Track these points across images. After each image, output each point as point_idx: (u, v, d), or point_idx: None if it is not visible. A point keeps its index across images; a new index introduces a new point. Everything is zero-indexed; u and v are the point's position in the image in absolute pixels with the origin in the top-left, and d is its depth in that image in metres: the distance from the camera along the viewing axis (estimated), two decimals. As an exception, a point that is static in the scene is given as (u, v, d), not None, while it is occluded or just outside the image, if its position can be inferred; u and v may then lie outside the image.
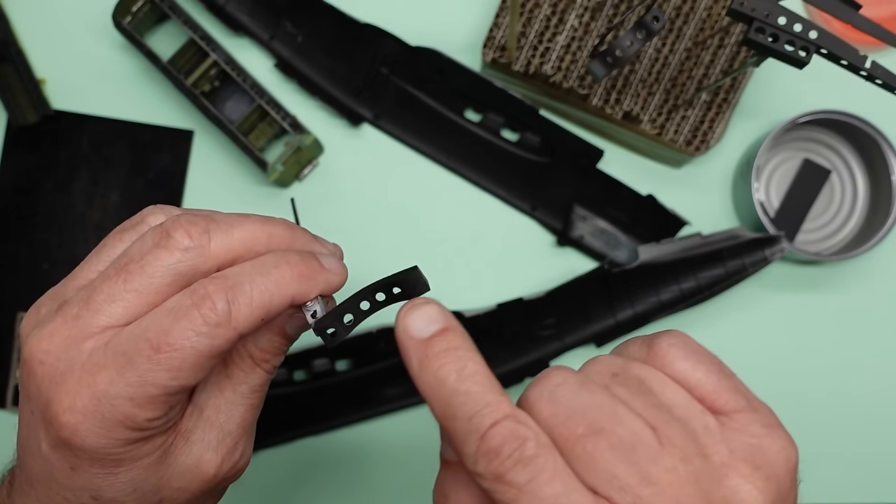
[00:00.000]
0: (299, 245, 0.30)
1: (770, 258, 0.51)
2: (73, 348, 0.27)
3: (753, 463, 0.23)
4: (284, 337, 0.30)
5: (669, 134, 0.51)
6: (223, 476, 0.30)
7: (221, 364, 0.30)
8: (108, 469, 0.27)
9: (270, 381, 0.31)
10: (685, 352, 0.25)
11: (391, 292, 0.28)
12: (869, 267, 0.55)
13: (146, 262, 0.27)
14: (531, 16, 0.50)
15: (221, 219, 0.29)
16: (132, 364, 0.26)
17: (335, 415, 0.53)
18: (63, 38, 0.55)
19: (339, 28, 0.54)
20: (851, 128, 0.53)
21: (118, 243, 0.30)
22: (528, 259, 0.55)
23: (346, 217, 0.55)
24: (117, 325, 0.27)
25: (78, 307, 0.27)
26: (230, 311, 0.26)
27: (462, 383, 0.24)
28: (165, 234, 0.27)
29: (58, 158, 0.55)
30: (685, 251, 0.52)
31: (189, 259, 0.27)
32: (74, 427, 0.26)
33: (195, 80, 0.51)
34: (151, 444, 0.28)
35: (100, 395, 0.26)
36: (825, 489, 0.55)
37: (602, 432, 0.23)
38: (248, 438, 0.31)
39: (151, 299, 0.27)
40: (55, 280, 0.28)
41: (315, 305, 0.29)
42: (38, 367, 0.27)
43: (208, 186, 0.55)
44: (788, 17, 0.37)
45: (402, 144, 0.55)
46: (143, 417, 0.26)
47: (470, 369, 0.24)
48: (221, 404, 0.30)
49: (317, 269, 0.29)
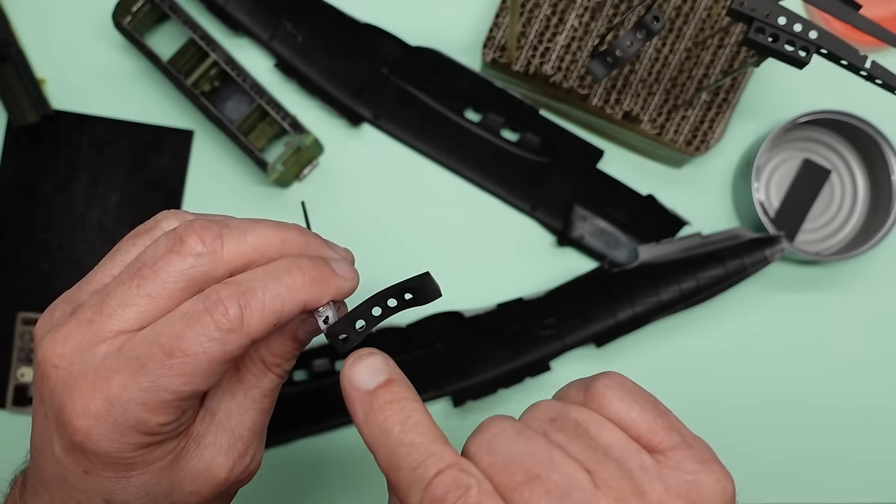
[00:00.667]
0: (312, 250, 0.30)
1: (770, 258, 0.51)
2: (86, 352, 0.27)
3: (688, 498, 0.24)
4: (296, 342, 0.31)
5: (669, 134, 0.51)
6: (234, 480, 0.30)
7: (233, 369, 0.30)
8: (120, 473, 0.27)
9: (281, 385, 0.32)
10: (620, 392, 0.26)
11: (403, 298, 0.28)
12: (869, 267, 0.55)
13: (159, 268, 0.27)
14: (531, 16, 0.50)
15: (234, 224, 0.29)
16: (145, 369, 0.26)
17: (335, 415, 0.53)
18: (63, 38, 0.55)
19: (339, 28, 0.54)
20: (851, 128, 0.53)
21: (132, 248, 0.30)
22: (528, 259, 0.55)
23: (346, 217, 0.55)
24: (130, 330, 0.27)
25: (91, 311, 0.27)
26: (242, 317, 0.26)
27: (406, 434, 0.25)
28: (179, 239, 0.27)
29: (58, 158, 0.55)
30: (685, 251, 0.52)
31: (202, 264, 0.27)
32: (87, 431, 0.26)
33: (195, 80, 0.51)
34: (163, 448, 0.28)
35: (113, 399, 0.26)
36: (825, 489, 0.55)
37: (538, 479, 0.24)
38: (259, 442, 0.31)
39: (164, 304, 0.27)
40: (55, 280, 0.28)
41: (327, 311, 0.29)
42: (51, 371, 0.27)
43: (208, 186, 0.55)
44: (788, 17, 0.37)
45: (402, 144, 0.55)
46: (156, 422, 0.26)
47: (414, 419, 0.25)
48: (233, 408, 0.30)
49: (329, 275, 0.29)
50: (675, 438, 0.25)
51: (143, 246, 0.29)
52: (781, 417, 0.55)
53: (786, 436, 0.55)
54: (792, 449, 0.54)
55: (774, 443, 0.54)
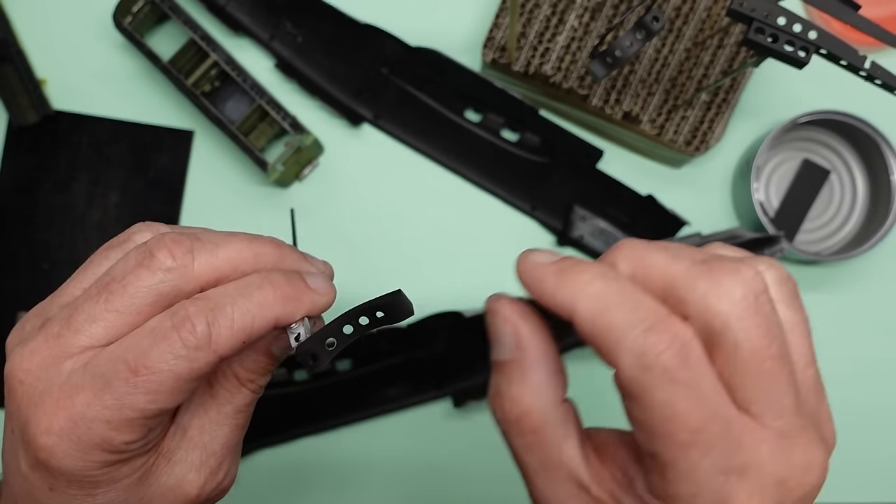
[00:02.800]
0: (287, 264, 0.30)
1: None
2: (52, 368, 0.26)
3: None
4: (270, 357, 0.30)
5: (669, 134, 0.51)
6: (206, 497, 0.30)
7: (206, 384, 0.30)
8: (86, 490, 0.27)
9: (256, 400, 0.31)
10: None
11: (374, 316, 0.28)
12: (869, 267, 0.55)
13: (128, 282, 0.27)
14: (531, 16, 0.50)
15: (207, 237, 0.28)
16: (109, 386, 0.25)
17: (335, 415, 0.53)
18: (63, 38, 0.55)
19: (339, 28, 0.54)
20: (851, 128, 0.53)
21: (104, 261, 0.29)
22: (527, 259, 0.55)
23: (346, 217, 0.55)
24: (98, 346, 0.26)
25: (59, 326, 0.27)
26: (210, 334, 0.26)
27: (608, 282, 0.23)
28: (148, 253, 0.27)
29: (58, 158, 0.55)
30: (685, 251, 0.52)
31: (171, 279, 0.27)
32: (51, 449, 0.26)
33: (195, 80, 0.51)
34: (130, 465, 0.27)
35: (76, 417, 0.26)
36: (825, 489, 0.55)
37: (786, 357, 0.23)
38: (233, 458, 0.31)
39: (132, 319, 0.27)
40: (55, 280, 0.28)
41: (300, 328, 0.28)
42: (17, 387, 0.27)
43: (208, 186, 0.55)
44: (788, 18, 0.37)
45: (402, 144, 0.55)
46: (121, 440, 0.26)
47: (610, 273, 0.24)
48: (206, 424, 0.29)
49: (302, 290, 0.28)
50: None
51: (116, 259, 0.29)
52: (781, 417, 0.55)
53: (785, 436, 0.55)
54: (791, 449, 0.54)
55: (774, 443, 0.54)
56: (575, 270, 0.24)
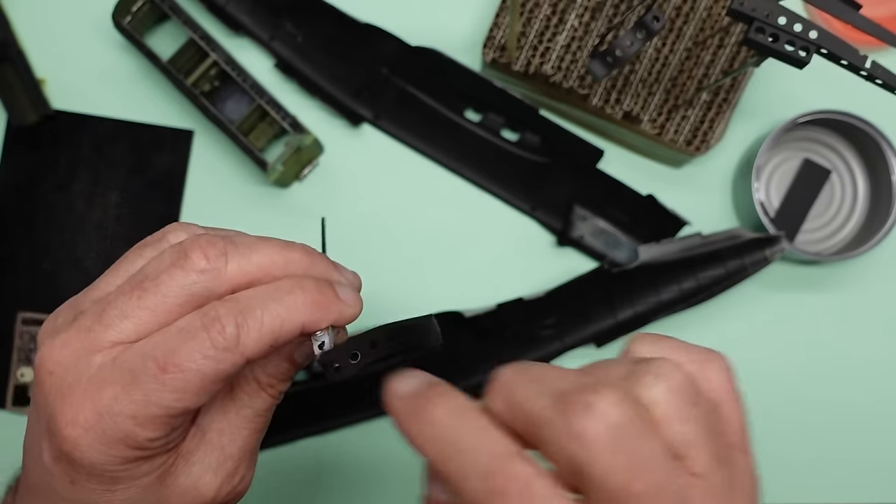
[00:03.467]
0: (317, 272, 0.30)
1: (770, 258, 0.51)
2: (82, 361, 0.27)
3: None
4: (292, 363, 0.30)
5: (669, 134, 0.51)
6: (221, 499, 0.30)
7: (227, 387, 0.30)
8: (105, 485, 0.27)
9: (275, 406, 0.31)
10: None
11: (402, 338, 0.28)
12: (869, 267, 0.55)
13: (161, 281, 0.27)
14: (531, 16, 0.50)
15: (241, 241, 0.29)
16: (137, 382, 0.26)
17: (335, 415, 0.53)
18: (63, 38, 0.55)
19: (339, 28, 0.54)
20: (851, 128, 0.53)
21: (138, 259, 0.30)
22: (528, 259, 0.55)
23: (346, 217, 0.55)
24: (127, 342, 0.27)
25: (91, 320, 0.27)
26: (239, 336, 0.26)
27: (456, 420, 0.23)
28: (183, 254, 0.27)
29: (58, 158, 0.55)
30: (685, 251, 0.52)
31: (204, 281, 0.27)
32: (75, 441, 0.26)
33: (195, 80, 0.51)
34: (151, 463, 0.28)
35: (103, 410, 0.26)
36: (825, 489, 0.55)
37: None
38: (250, 462, 0.31)
39: (163, 318, 0.27)
40: (55, 280, 0.28)
41: (324, 336, 0.29)
42: (46, 378, 0.27)
43: (208, 186, 0.55)
44: (788, 17, 0.37)
45: (402, 144, 0.55)
46: (144, 437, 0.26)
47: (464, 406, 0.23)
48: (225, 427, 0.30)
49: (331, 299, 0.29)
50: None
51: (149, 257, 0.29)
52: (781, 417, 0.55)
53: (785, 436, 0.54)
54: (791, 449, 0.54)
55: (774, 442, 0.54)
56: (426, 409, 0.24)
